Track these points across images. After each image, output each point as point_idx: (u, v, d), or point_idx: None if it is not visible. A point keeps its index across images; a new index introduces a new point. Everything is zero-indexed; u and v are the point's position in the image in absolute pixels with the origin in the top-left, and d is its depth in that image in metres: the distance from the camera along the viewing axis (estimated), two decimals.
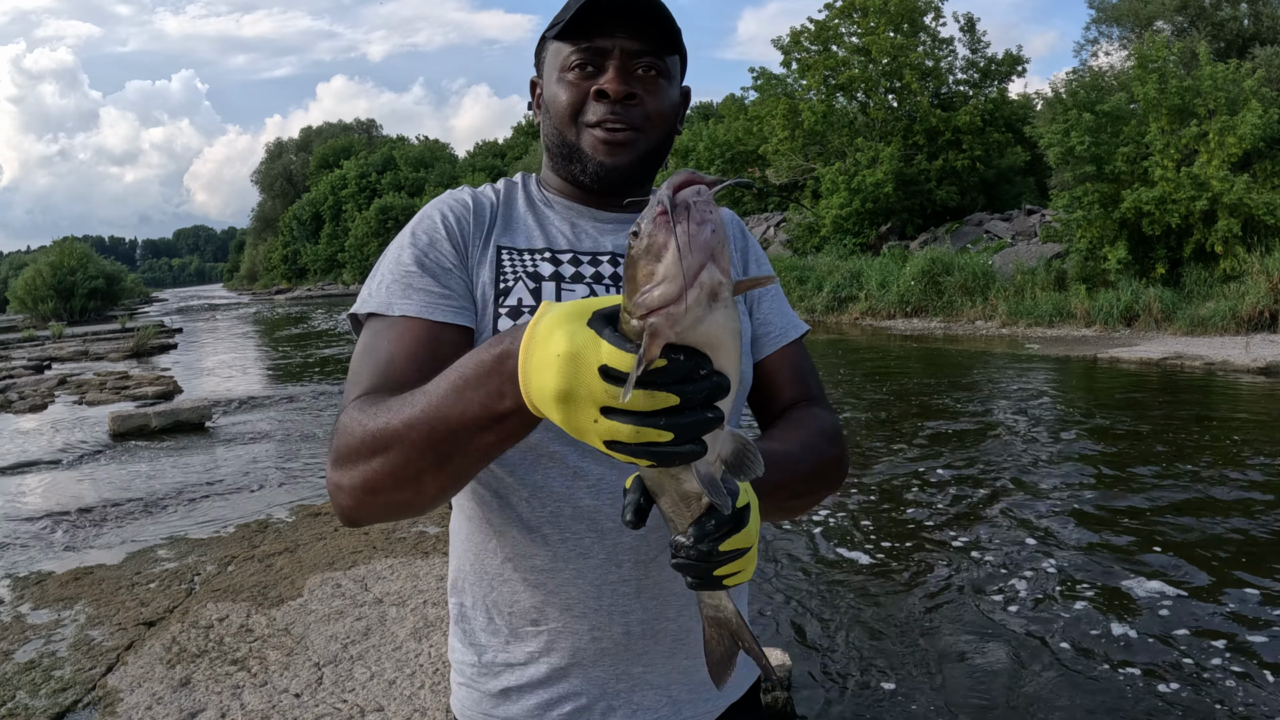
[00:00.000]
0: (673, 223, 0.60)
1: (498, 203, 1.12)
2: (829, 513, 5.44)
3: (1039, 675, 3.33)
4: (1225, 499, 5.31)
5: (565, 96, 1.07)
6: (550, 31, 1.09)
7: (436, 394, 0.79)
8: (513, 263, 1.06)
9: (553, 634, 1.03)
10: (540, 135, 1.15)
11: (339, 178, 63.86)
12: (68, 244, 39.95)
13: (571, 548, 1.02)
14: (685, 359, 0.62)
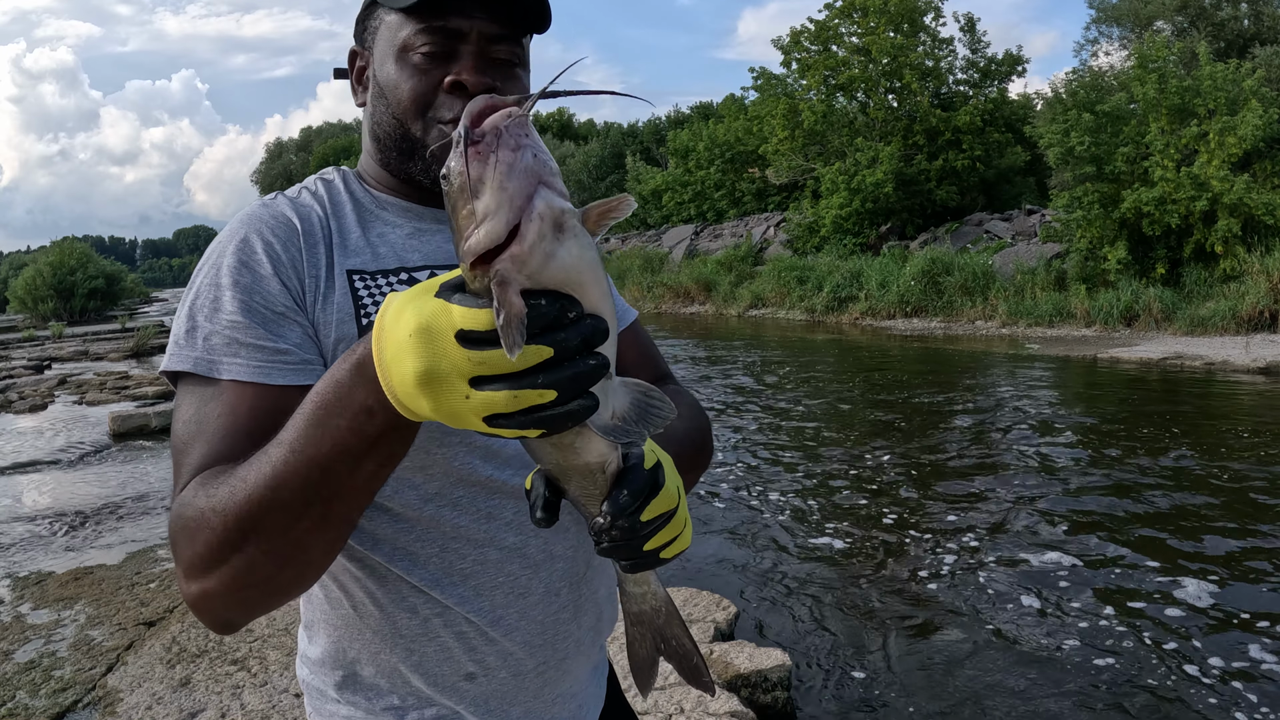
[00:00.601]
0: (484, 152, 0.52)
1: (326, 215, 0.92)
2: (829, 513, 5.44)
3: (1038, 675, 3.33)
4: (1225, 499, 5.31)
5: (410, 85, 0.90)
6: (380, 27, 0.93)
7: (296, 437, 0.68)
8: (368, 290, 0.89)
9: (492, 679, 0.93)
10: (366, 120, 0.97)
11: None
12: (68, 244, 39.93)
13: (507, 593, 0.92)
14: (547, 303, 0.54)
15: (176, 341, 0.84)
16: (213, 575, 0.72)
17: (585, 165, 40.95)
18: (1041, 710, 3.10)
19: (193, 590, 0.74)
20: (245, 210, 0.90)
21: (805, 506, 5.61)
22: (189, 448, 0.79)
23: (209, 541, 0.71)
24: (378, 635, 0.92)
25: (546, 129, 52.74)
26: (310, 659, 0.97)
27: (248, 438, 0.77)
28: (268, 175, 77.54)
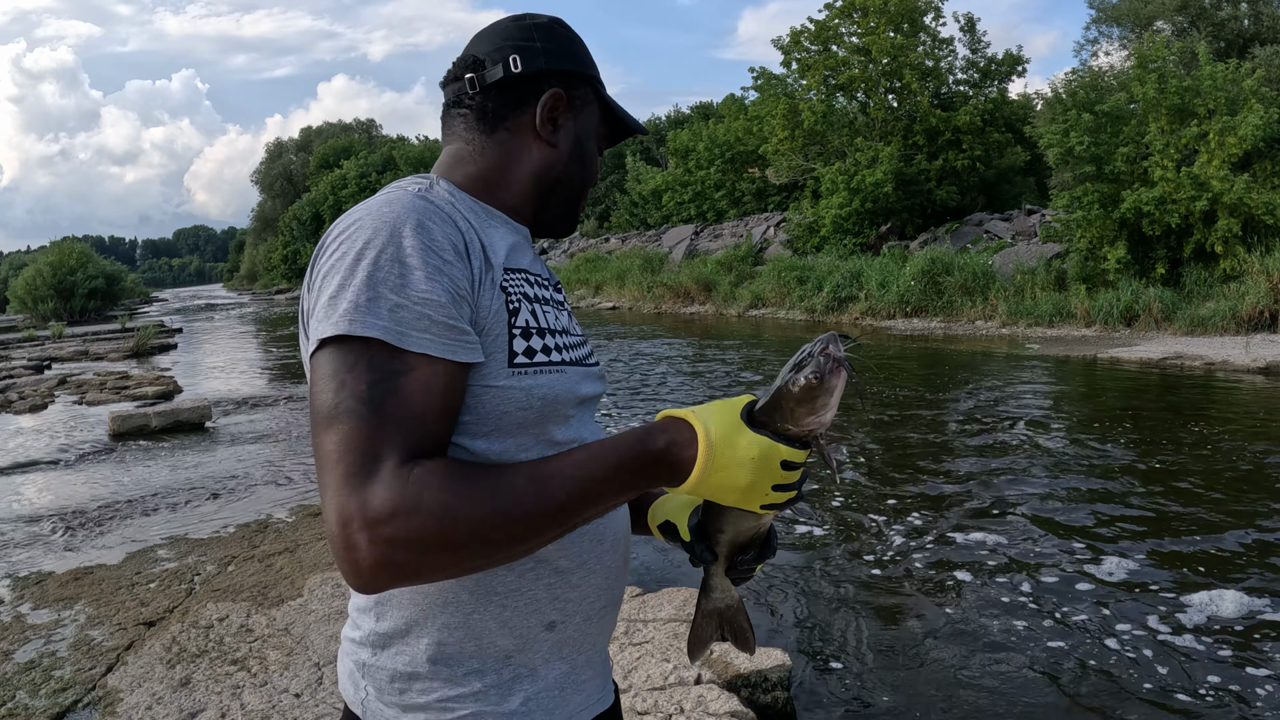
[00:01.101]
0: (836, 371, 0.90)
1: (463, 214, 0.99)
2: (828, 515, 5.44)
3: (1039, 675, 3.33)
4: (1225, 499, 5.31)
5: (592, 169, 1.13)
6: (598, 87, 1.13)
7: (594, 477, 0.88)
8: (509, 283, 0.99)
9: (569, 625, 1.02)
10: (536, 157, 1.08)
11: (339, 178, 63.84)
12: (68, 244, 39.94)
13: (591, 539, 1.04)
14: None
15: (357, 307, 0.86)
16: (448, 559, 0.84)
17: None
18: (1043, 711, 3.10)
19: (396, 557, 0.80)
20: (398, 198, 0.94)
21: (804, 507, 5.61)
22: (385, 425, 0.83)
23: (450, 539, 0.82)
24: (474, 596, 0.97)
25: None
26: (384, 634, 0.98)
27: (442, 417, 0.88)
28: (268, 175, 77.51)
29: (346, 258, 0.89)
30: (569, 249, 37.90)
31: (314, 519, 5.58)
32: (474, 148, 1.08)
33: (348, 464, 0.82)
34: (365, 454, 0.82)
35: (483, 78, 1.07)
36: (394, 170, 62.17)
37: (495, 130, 1.08)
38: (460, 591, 0.96)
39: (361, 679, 1.00)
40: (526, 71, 1.07)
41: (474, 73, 1.08)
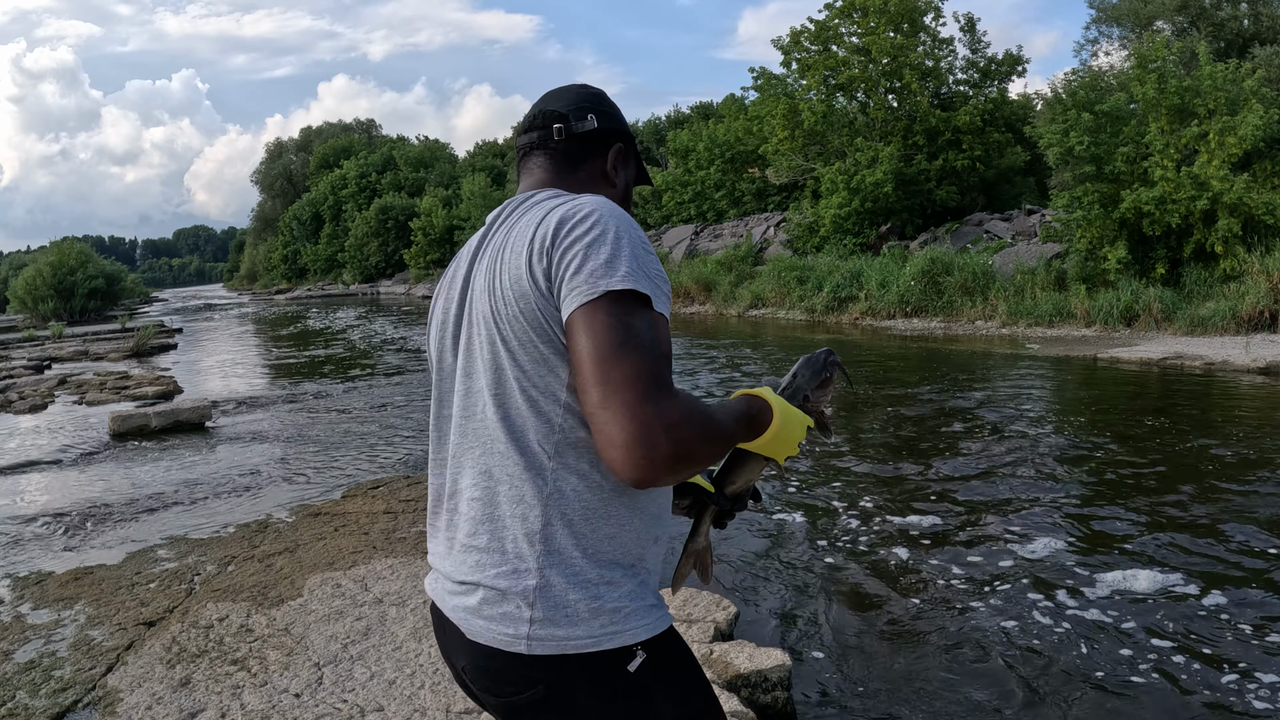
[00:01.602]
0: (835, 376, 1.38)
1: None
2: (828, 513, 5.44)
3: (1037, 675, 3.33)
4: (1225, 499, 5.31)
5: (629, 205, 1.53)
6: (635, 146, 1.53)
7: (738, 422, 1.26)
8: None
9: (659, 542, 1.31)
10: (601, 189, 1.43)
11: (339, 178, 63.83)
12: (67, 244, 39.94)
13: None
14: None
15: (631, 273, 1.14)
16: (703, 447, 1.14)
17: None
18: (1043, 710, 3.10)
19: (692, 446, 1.11)
20: (615, 208, 1.23)
21: (804, 507, 5.61)
22: (661, 359, 1.14)
23: (714, 432, 1.17)
24: (645, 516, 1.26)
25: None
26: (595, 548, 1.21)
27: (670, 357, 1.21)
28: (268, 175, 77.51)
29: (606, 235, 1.16)
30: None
31: (314, 519, 5.59)
32: (561, 183, 1.38)
33: (644, 385, 1.09)
34: (656, 378, 1.10)
35: (570, 128, 1.40)
36: (394, 170, 62.13)
37: (576, 171, 1.41)
38: (641, 514, 1.25)
39: (576, 583, 1.19)
40: (601, 127, 1.43)
41: (562, 124, 1.40)
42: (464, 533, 1.27)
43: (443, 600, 1.31)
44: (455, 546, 1.29)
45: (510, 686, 1.20)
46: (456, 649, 1.29)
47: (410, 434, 8.56)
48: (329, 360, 16.50)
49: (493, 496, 1.23)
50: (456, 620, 1.26)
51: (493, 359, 1.23)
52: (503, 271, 1.22)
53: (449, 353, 1.33)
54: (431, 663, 3.35)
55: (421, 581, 4.24)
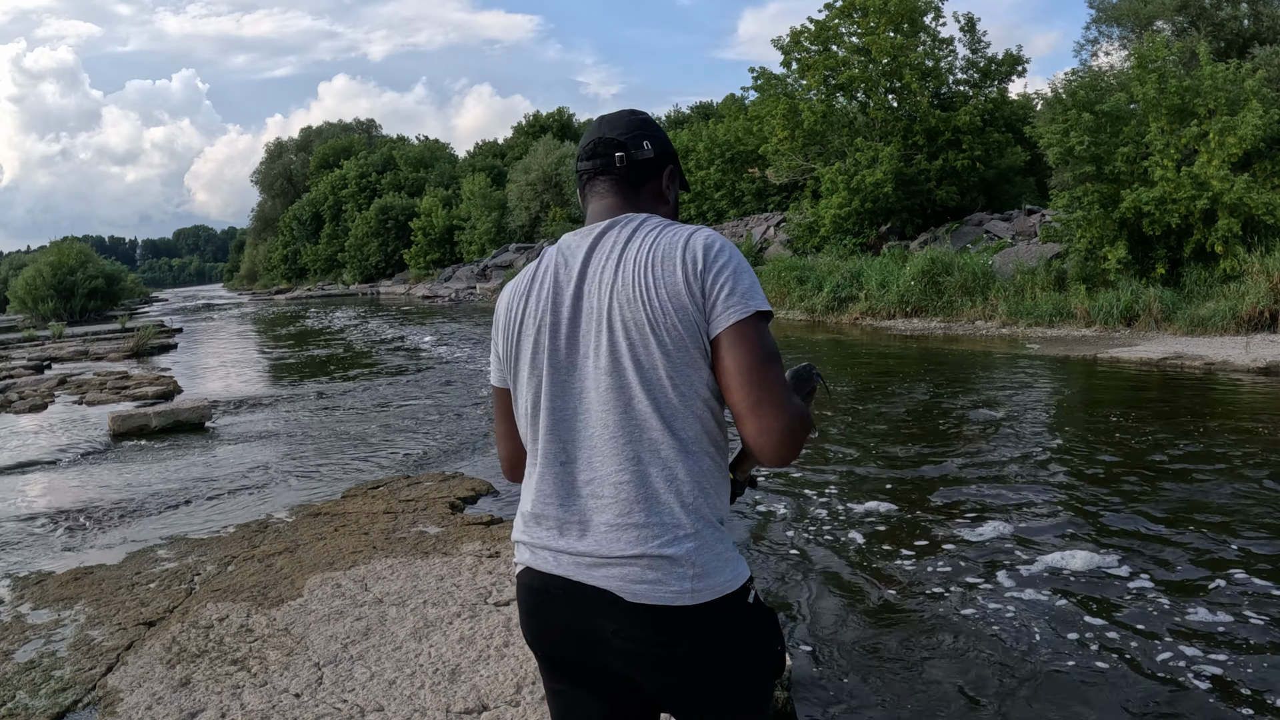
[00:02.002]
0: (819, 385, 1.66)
1: None
2: (828, 513, 5.44)
3: (1037, 676, 3.33)
4: (1225, 499, 5.31)
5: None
6: (679, 163, 1.70)
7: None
8: None
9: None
10: (673, 198, 1.67)
11: (339, 178, 63.82)
12: (67, 244, 39.94)
13: None
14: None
15: (763, 297, 1.44)
16: (803, 436, 1.45)
17: None
18: (1041, 711, 3.10)
19: (800, 439, 1.43)
20: (727, 240, 1.49)
21: (804, 506, 5.61)
22: (780, 365, 1.44)
23: (805, 432, 1.45)
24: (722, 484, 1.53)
25: (547, 128, 52.74)
26: (719, 512, 1.48)
27: None
28: (268, 175, 77.49)
29: (742, 266, 1.45)
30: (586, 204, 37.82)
31: (314, 519, 5.59)
32: (629, 204, 1.58)
33: (784, 388, 1.42)
34: (785, 382, 1.44)
35: (631, 156, 1.58)
36: (394, 170, 62.13)
37: (638, 192, 1.60)
38: (724, 482, 1.52)
39: (716, 532, 1.46)
40: (656, 153, 1.60)
41: (623, 152, 1.58)
42: (613, 514, 1.44)
43: (583, 576, 1.46)
44: (599, 527, 1.46)
45: (673, 636, 1.41)
46: (598, 617, 1.44)
47: (410, 434, 8.56)
48: (329, 360, 16.50)
49: (644, 478, 1.43)
50: (615, 589, 1.42)
51: (645, 360, 1.43)
52: (655, 287, 1.43)
53: (561, 353, 1.51)
54: (431, 662, 3.35)
55: (421, 581, 4.24)
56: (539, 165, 45.01)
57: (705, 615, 1.41)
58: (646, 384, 1.43)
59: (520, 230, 45.95)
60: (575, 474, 1.48)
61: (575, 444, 1.49)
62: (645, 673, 1.45)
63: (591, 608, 1.45)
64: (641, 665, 1.44)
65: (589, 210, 1.61)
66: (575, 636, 1.48)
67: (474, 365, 14.12)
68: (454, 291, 40.82)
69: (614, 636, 1.43)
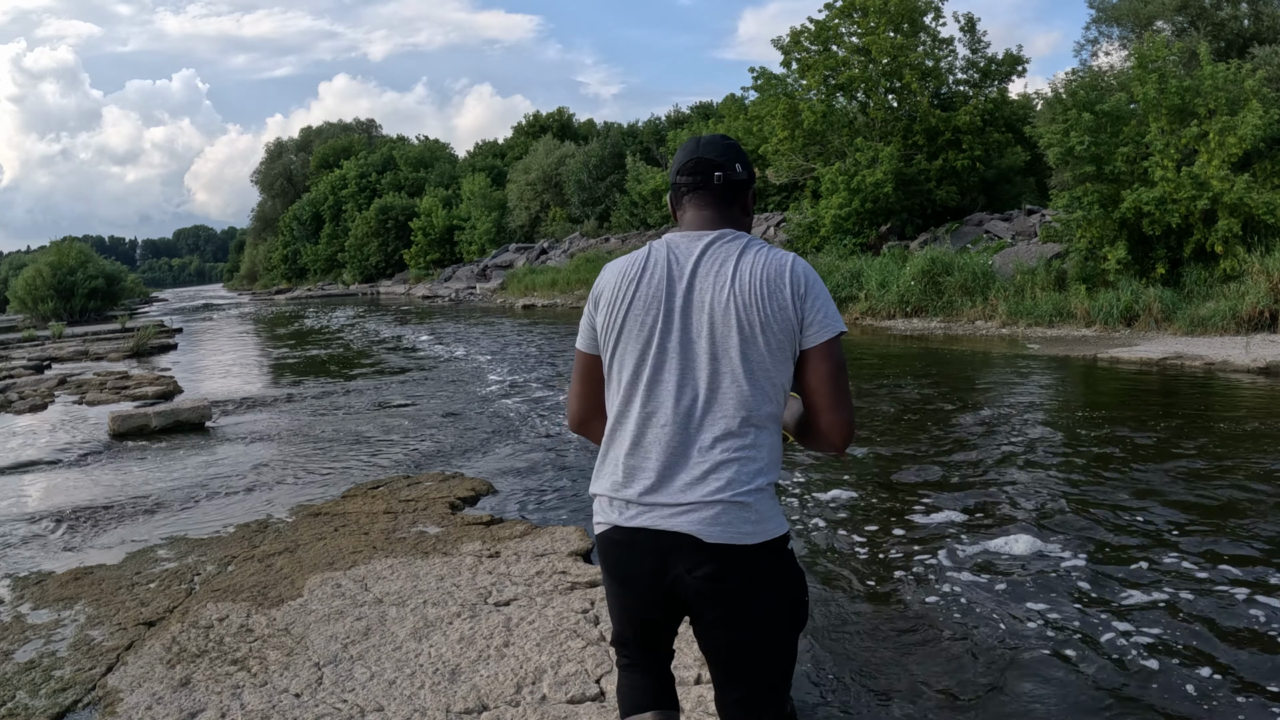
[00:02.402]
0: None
1: None
2: (827, 514, 5.45)
3: (1037, 676, 3.33)
4: (1225, 500, 5.31)
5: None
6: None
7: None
8: None
9: None
10: (743, 221, 1.98)
11: (339, 178, 63.82)
12: (67, 244, 39.94)
13: None
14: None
15: (838, 318, 1.83)
16: (854, 434, 1.89)
17: (585, 165, 40.93)
18: (1041, 711, 3.10)
19: (853, 433, 1.86)
20: (811, 268, 1.89)
21: (803, 506, 5.61)
22: (847, 375, 1.86)
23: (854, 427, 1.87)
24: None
25: (547, 128, 52.74)
26: (774, 476, 1.83)
27: None
28: (267, 175, 77.49)
29: (828, 294, 1.83)
30: (569, 249, 37.89)
31: (314, 519, 5.59)
32: (723, 217, 1.93)
33: (850, 396, 1.85)
34: (849, 389, 1.86)
35: (728, 176, 1.92)
36: (394, 170, 62.12)
37: (731, 207, 1.94)
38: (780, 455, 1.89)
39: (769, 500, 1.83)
40: (745, 175, 1.95)
41: (721, 172, 1.91)
42: (702, 470, 1.78)
43: (662, 524, 1.78)
44: (685, 480, 1.79)
45: (736, 570, 1.76)
46: (673, 557, 1.78)
47: (410, 434, 8.57)
48: (329, 360, 16.50)
49: (730, 445, 1.78)
50: (692, 531, 1.76)
51: (750, 351, 1.78)
52: (771, 298, 1.79)
53: (672, 335, 1.83)
54: (431, 662, 3.35)
55: (421, 581, 4.25)
56: (539, 165, 45.02)
57: (762, 553, 1.78)
58: (746, 371, 1.79)
59: (520, 230, 45.96)
60: (670, 439, 1.81)
61: (665, 413, 1.82)
62: (705, 601, 1.79)
63: (658, 553, 1.79)
64: (703, 595, 1.79)
65: (686, 218, 1.95)
66: (653, 575, 1.82)
67: (474, 365, 14.13)
68: (454, 291, 40.82)
69: (688, 572, 1.77)
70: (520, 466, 7.02)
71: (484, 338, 19.61)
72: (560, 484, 6.43)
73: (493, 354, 15.74)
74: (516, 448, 7.72)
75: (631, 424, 1.83)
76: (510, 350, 16.33)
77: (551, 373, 12.69)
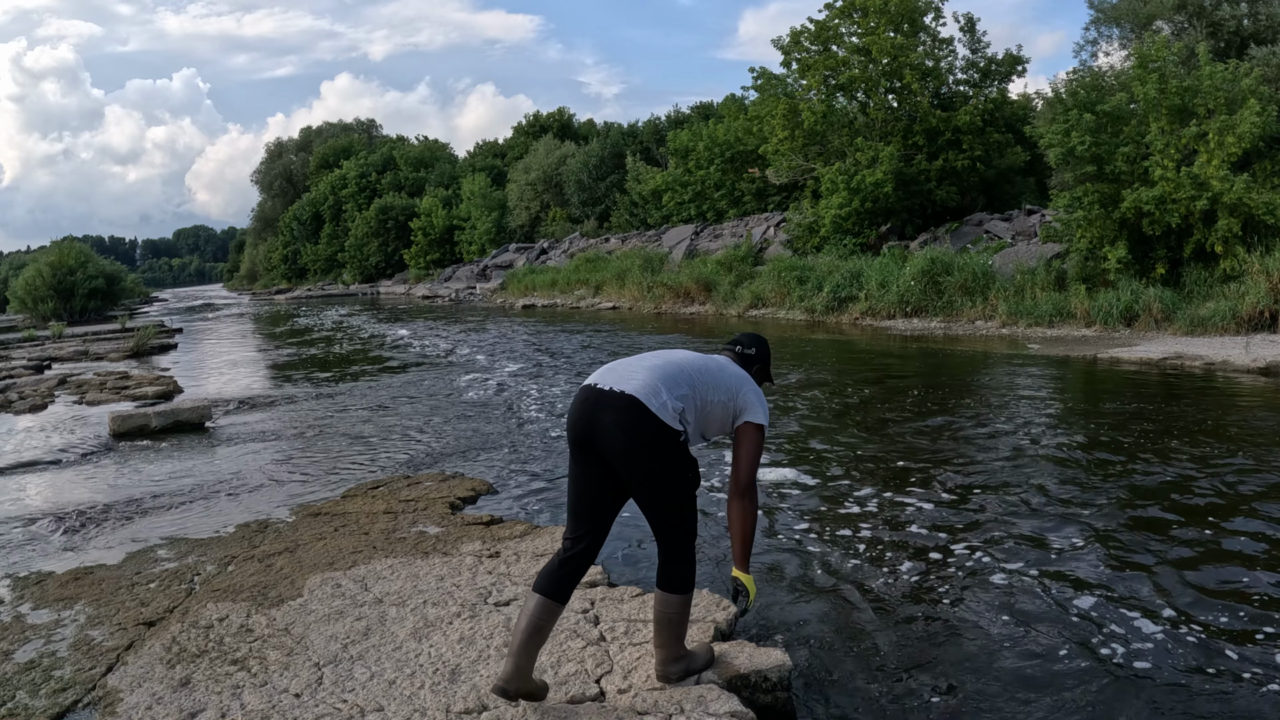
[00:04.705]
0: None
1: None
2: (828, 514, 5.45)
3: (1039, 675, 3.33)
4: (1224, 500, 5.31)
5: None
6: (766, 381, 3.44)
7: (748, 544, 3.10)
8: None
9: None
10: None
11: (339, 178, 63.82)
12: (67, 244, 39.93)
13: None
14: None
15: (764, 410, 3.12)
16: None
17: (585, 165, 40.93)
18: (1041, 710, 3.10)
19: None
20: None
21: (804, 506, 5.61)
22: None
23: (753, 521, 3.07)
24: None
25: (547, 129, 52.74)
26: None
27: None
28: (268, 175, 77.50)
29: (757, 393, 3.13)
30: (569, 249, 37.90)
31: (314, 519, 5.59)
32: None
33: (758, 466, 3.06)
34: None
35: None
36: (394, 170, 62.12)
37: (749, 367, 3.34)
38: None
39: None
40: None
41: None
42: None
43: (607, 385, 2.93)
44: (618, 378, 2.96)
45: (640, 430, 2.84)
46: (608, 408, 2.87)
47: (410, 434, 8.56)
48: (329, 360, 16.50)
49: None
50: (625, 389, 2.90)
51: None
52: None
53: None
54: (431, 662, 3.35)
55: (421, 580, 4.25)
56: (539, 165, 45.03)
57: (660, 426, 2.83)
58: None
59: (520, 230, 45.97)
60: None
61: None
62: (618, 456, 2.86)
63: (601, 405, 2.89)
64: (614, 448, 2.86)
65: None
66: (578, 429, 2.93)
67: (474, 365, 14.13)
68: (454, 291, 40.82)
69: (612, 424, 2.85)
70: (520, 466, 7.02)
71: (484, 338, 19.61)
72: (560, 484, 6.43)
73: (493, 354, 15.74)
74: (516, 448, 7.72)
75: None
76: (510, 350, 16.33)
77: (551, 373, 12.69)
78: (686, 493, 2.92)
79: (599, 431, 2.84)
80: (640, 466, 2.84)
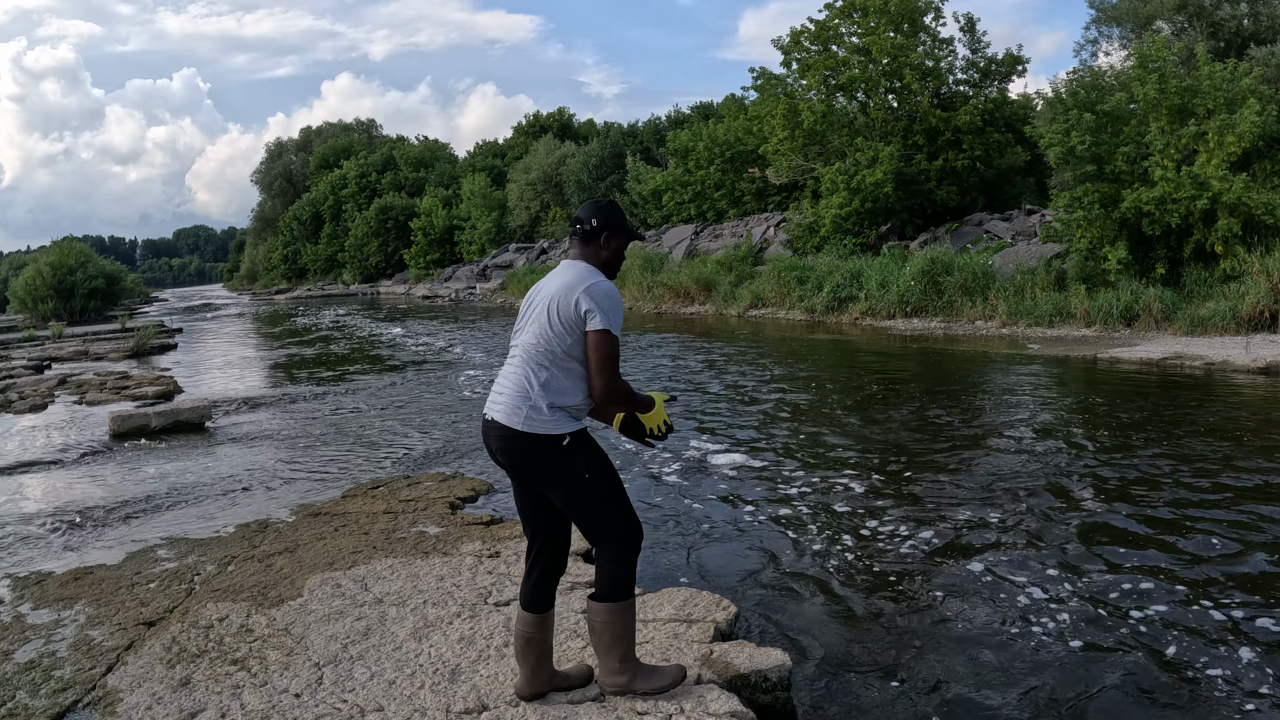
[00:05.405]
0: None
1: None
2: (827, 514, 5.45)
3: (1040, 676, 3.33)
4: (1224, 500, 5.31)
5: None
6: (630, 239, 3.03)
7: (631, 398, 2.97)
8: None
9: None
10: (612, 254, 2.99)
11: (339, 178, 63.79)
12: (67, 244, 39.93)
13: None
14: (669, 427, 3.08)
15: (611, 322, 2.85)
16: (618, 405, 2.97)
17: (585, 165, 40.92)
18: (1040, 710, 3.10)
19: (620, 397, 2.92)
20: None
21: (804, 507, 5.61)
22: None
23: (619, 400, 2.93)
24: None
25: (547, 128, 52.73)
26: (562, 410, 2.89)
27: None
28: (267, 175, 77.46)
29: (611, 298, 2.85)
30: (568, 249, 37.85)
31: (314, 519, 5.59)
32: (583, 255, 2.99)
33: (613, 364, 2.83)
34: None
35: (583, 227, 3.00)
36: (394, 170, 62.11)
37: (588, 246, 2.99)
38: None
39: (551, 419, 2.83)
40: (608, 233, 2.99)
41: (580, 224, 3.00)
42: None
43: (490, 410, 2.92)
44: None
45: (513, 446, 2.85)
46: (491, 436, 2.90)
47: (410, 434, 8.56)
48: (329, 359, 16.50)
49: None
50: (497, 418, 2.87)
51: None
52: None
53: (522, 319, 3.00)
54: (431, 663, 3.35)
55: (421, 580, 4.25)
56: (539, 165, 45.02)
57: (533, 440, 2.81)
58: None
59: (520, 230, 45.95)
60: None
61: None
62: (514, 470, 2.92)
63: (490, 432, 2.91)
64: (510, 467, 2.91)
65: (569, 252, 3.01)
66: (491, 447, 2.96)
67: (475, 365, 14.12)
68: (454, 291, 40.81)
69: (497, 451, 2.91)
70: None
71: (484, 337, 19.61)
72: None
73: (493, 354, 15.74)
74: None
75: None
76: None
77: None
78: (591, 492, 2.82)
79: (495, 456, 2.92)
80: (536, 482, 2.85)
